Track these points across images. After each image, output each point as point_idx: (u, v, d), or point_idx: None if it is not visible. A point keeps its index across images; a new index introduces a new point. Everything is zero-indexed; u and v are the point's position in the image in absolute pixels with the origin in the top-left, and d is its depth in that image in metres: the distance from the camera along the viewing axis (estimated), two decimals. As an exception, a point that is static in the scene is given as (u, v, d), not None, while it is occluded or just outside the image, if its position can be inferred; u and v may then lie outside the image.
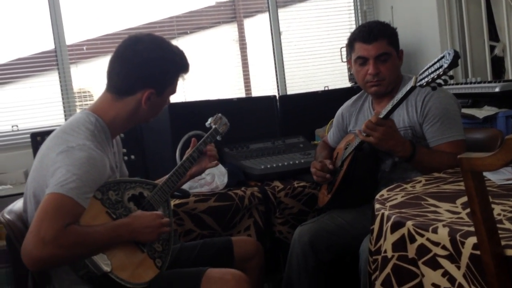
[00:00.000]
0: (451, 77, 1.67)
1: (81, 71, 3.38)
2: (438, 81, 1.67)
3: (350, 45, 2.16)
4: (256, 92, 3.85)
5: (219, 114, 2.11)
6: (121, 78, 1.67)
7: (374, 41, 2.07)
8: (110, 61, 1.70)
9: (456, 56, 1.61)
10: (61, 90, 3.29)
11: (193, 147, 1.94)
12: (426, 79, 1.68)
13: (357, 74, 2.16)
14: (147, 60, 1.65)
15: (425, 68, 1.70)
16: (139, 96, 1.66)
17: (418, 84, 1.72)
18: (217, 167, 2.42)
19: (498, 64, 3.45)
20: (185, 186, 2.19)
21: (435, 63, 1.67)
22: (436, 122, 1.99)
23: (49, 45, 3.29)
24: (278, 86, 3.84)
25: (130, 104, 1.68)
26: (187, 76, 1.80)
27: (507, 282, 1.02)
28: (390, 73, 2.08)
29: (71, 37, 3.34)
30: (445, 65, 1.61)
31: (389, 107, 1.84)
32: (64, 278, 1.58)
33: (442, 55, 1.65)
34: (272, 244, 2.37)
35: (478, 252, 1.05)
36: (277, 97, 3.10)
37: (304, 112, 3.11)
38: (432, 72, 1.66)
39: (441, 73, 1.63)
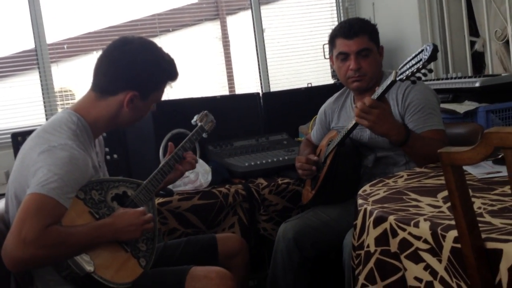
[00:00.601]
0: (430, 71, 1.68)
1: (62, 70, 3.35)
2: (418, 74, 1.67)
3: (331, 42, 2.17)
4: (239, 90, 3.85)
5: (205, 111, 2.09)
6: (106, 78, 1.65)
7: (355, 36, 2.08)
8: (97, 59, 1.68)
9: (435, 49, 1.62)
10: (42, 90, 3.26)
11: (170, 152, 1.91)
12: (406, 73, 1.69)
13: (338, 70, 2.17)
14: (133, 62, 1.63)
15: (405, 62, 1.71)
16: (122, 97, 1.65)
17: (398, 78, 1.73)
18: (201, 164, 2.42)
19: (478, 59, 3.49)
20: (168, 185, 2.18)
21: (414, 57, 1.68)
22: (418, 111, 2.01)
23: (30, 44, 3.25)
24: (261, 83, 3.85)
25: (113, 105, 1.66)
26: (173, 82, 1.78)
27: (487, 274, 1.03)
28: (372, 68, 2.10)
29: (52, 36, 3.30)
30: (424, 59, 1.62)
31: (380, 91, 1.82)
32: (47, 278, 1.57)
33: (421, 49, 1.66)
34: (256, 241, 2.38)
35: (459, 246, 1.06)
36: (261, 95, 3.10)
37: (288, 109, 3.12)
38: (412, 66, 1.67)
39: (420, 66, 1.64)
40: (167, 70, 1.71)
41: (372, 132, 2.01)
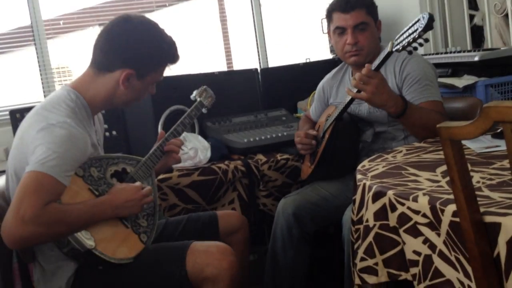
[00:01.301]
0: (426, 40, 1.67)
1: (58, 47, 3.32)
2: (414, 44, 1.67)
3: (329, 16, 2.16)
4: (237, 65, 3.82)
5: (204, 86, 2.07)
6: (103, 54, 1.64)
7: (351, 10, 2.06)
8: (98, 35, 1.67)
9: (431, 18, 1.61)
10: (39, 66, 3.23)
11: (160, 138, 1.88)
12: (402, 44, 1.69)
13: (336, 45, 2.15)
14: (131, 40, 1.62)
15: (401, 32, 1.71)
16: (118, 74, 1.63)
17: (395, 48, 1.72)
18: (200, 141, 2.42)
19: (477, 33, 3.47)
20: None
21: (410, 27, 1.67)
22: (415, 83, 2.00)
23: (25, 20, 3.22)
24: (259, 59, 3.82)
25: (109, 83, 1.65)
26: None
27: (485, 248, 1.04)
28: (369, 42, 2.08)
29: (47, 12, 3.27)
30: (420, 28, 1.61)
31: (376, 62, 1.81)
32: (49, 254, 1.59)
33: (417, 18, 1.65)
34: (256, 216, 2.39)
35: (457, 219, 1.07)
36: (259, 70, 3.08)
37: (286, 85, 3.10)
38: (408, 36, 1.66)
39: (416, 36, 1.63)
40: (166, 52, 1.69)
41: (370, 106, 2.01)
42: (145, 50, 1.63)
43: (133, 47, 1.62)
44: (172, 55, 1.71)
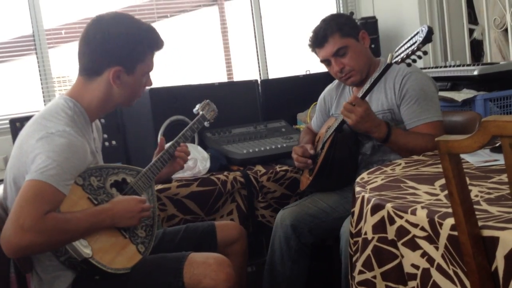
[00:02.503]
0: (425, 53, 1.69)
1: (59, 56, 3.33)
2: (413, 57, 1.69)
3: (313, 52, 2.19)
4: (238, 77, 3.83)
5: (207, 100, 2.09)
6: (86, 59, 1.64)
7: (324, 42, 2.10)
8: (78, 44, 1.66)
9: (430, 31, 1.63)
10: (40, 75, 3.24)
11: (161, 146, 1.88)
12: (401, 56, 1.70)
13: (331, 73, 2.19)
14: (108, 37, 1.60)
15: (401, 45, 1.73)
16: (107, 75, 1.62)
17: (394, 61, 1.74)
18: (199, 151, 2.42)
19: (477, 47, 3.49)
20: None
21: (409, 39, 1.69)
22: (413, 103, 2.01)
23: (27, 29, 3.23)
24: (260, 70, 3.83)
25: (101, 86, 1.64)
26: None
27: (483, 262, 1.04)
28: (356, 62, 2.10)
29: (49, 21, 3.28)
30: (419, 41, 1.63)
31: (366, 86, 1.87)
32: (47, 264, 1.58)
33: (416, 31, 1.67)
34: (255, 227, 2.39)
35: (455, 233, 1.07)
36: (259, 82, 3.09)
37: (286, 96, 3.12)
38: (407, 49, 1.68)
39: (415, 48, 1.65)
40: (145, 39, 1.66)
41: None
42: (125, 42, 1.61)
43: (112, 43, 1.60)
44: (153, 41, 1.68)
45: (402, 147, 1.93)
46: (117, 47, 1.61)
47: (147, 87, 1.78)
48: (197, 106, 2.06)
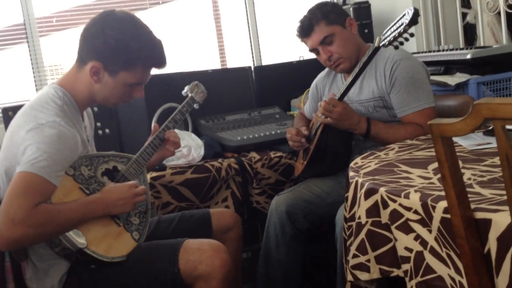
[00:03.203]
0: (412, 35, 1.70)
1: (51, 44, 3.30)
2: (400, 39, 1.70)
3: (302, 41, 2.20)
4: (231, 63, 3.82)
5: (196, 82, 2.08)
6: (79, 46, 1.64)
7: (310, 32, 2.11)
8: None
9: (416, 13, 1.64)
10: (32, 64, 3.22)
11: (154, 132, 1.88)
12: (388, 38, 1.71)
13: (321, 62, 2.20)
14: (100, 33, 1.58)
15: (388, 28, 1.73)
16: (88, 67, 1.61)
17: (382, 43, 1.75)
18: (193, 139, 2.42)
19: (470, 31, 3.48)
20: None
21: (396, 22, 1.69)
22: (403, 91, 2.01)
23: (18, 18, 3.20)
24: (253, 57, 3.82)
25: (85, 77, 1.63)
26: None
27: (476, 244, 1.05)
28: (343, 49, 2.10)
29: (40, 10, 3.25)
30: (405, 23, 1.64)
31: (356, 70, 1.89)
32: (42, 252, 1.58)
33: (403, 13, 1.67)
34: (249, 214, 2.40)
35: (448, 216, 1.07)
36: (252, 68, 3.08)
37: (280, 83, 3.11)
38: (394, 31, 1.69)
39: (402, 31, 1.66)
40: (136, 51, 1.60)
41: (370, 107, 2.08)
42: (111, 44, 1.58)
43: (99, 39, 1.59)
44: (148, 56, 1.64)
45: (383, 141, 1.96)
46: (104, 45, 1.58)
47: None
48: (186, 88, 2.04)
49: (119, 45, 1.59)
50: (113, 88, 1.66)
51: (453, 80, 2.66)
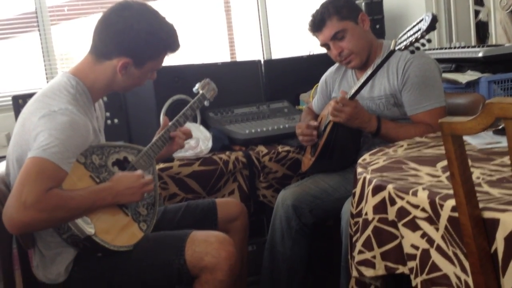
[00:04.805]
0: (429, 41, 1.68)
1: (62, 33, 3.31)
2: (416, 44, 1.68)
3: (313, 36, 2.19)
4: (241, 56, 3.81)
5: (207, 79, 2.08)
6: (101, 41, 1.64)
7: (322, 27, 2.10)
8: (97, 21, 1.66)
9: (434, 19, 1.62)
10: (43, 52, 3.23)
11: (164, 126, 1.89)
12: (404, 43, 1.69)
13: (332, 58, 2.19)
14: (129, 29, 1.60)
15: (404, 31, 1.71)
16: (115, 63, 1.63)
17: (397, 47, 1.73)
18: (201, 131, 2.42)
19: (482, 29, 3.46)
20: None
21: (413, 26, 1.67)
22: (414, 90, 2.00)
23: (30, 6, 3.21)
24: (263, 51, 3.81)
25: (108, 70, 1.65)
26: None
27: (483, 243, 1.04)
28: (354, 44, 2.08)
29: (52, -2, 3.26)
30: (423, 29, 1.62)
31: (369, 72, 1.87)
32: (49, 240, 1.59)
33: (420, 18, 1.65)
34: (256, 207, 2.40)
35: (456, 215, 1.07)
36: (262, 62, 3.08)
37: (289, 77, 3.09)
38: (411, 36, 1.67)
39: (419, 36, 1.64)
40: (164, 40, 1.67)
41: (381, 104, 2.08)
42: (142, 39, 1.62)
43: (129, 36, 1.60)
44: (170, 44, 1.70)
45: (393, 140, 1.94)
46: (134, 42, 1.61)
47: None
48: (197, 85, 2.05)
49: (149, 38, 1.62)
50: (138, 78, 1.71)
51: (464, 78, 2.65)
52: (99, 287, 1.63)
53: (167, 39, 1.68)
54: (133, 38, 1.61)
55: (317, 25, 2.11)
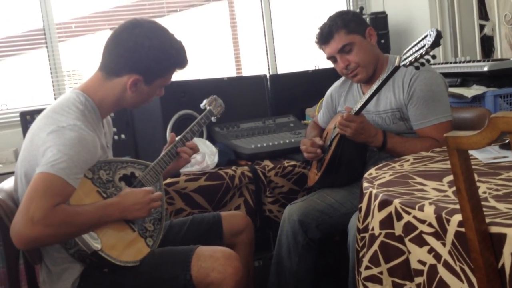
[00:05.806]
0: (434, 57, 1.68)
1: (70, 50, 3.35)
2: (421, 60, 1.69)
3: (320, 48, 2.20)
4: (246, 71, 3.83)
5: (214, 96, 2.10)
6: (112, 58, 1.65)
7: (330, 39, 2.11)
8: (107, 39, 1.68)
9: (438, 35, 1.62)
10: (50, 69, 3.26)
11: (171, 143, 1.90)
12: (409, 59, 1.70)
13: (338, 71, 2.20)
14: (139, 47, 1.62)
15: (409, 47, 1.72)
16: (126, 80, 1.65)
17: (402, 64, 1.74)
18: (207, 146, 2.43)
19: (487, 43, 3.46)
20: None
21: (418, 42, 1.68)
22: (420, 104, 2.01)
23: (38, 23, 3.25)
24: (268, 65, 3.83)
25: (117, 87, 1.66)
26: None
27: (490, 258, 1.04)
28: (361, 58, 2.09)
29: (60, 15, 3.30)
30: (428, 45, 1.63)
31: (374, 87, 1.88)
32: (56, 256, 1.60)
33: (425, 34, 1.66)
34: (262, 222, 2.40)
35: (463, 229, 1.07)
36: (268, 77, 3.09)
37: (295, 92, 3.11)
38: (415, 52, 1.68)
39: (423, 52, 1.65)
40: (174, 57, 1.69)
41: (387, 119, 2.09)
42: (153, 56, 1.64)
43: (140, 53, 1.62)
44: (180, 61, 1.72)
45: (399, 155, 1.95)
46: (145, 60, 1.63)
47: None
48: (204, 101, 2.07)
49: (160, 55, 1.64)
50: (147, 94, 1.73)
51: (469, 92, 2.65)
52: (106, 303, 1.63)
53: (177, 56, 1.70)
54: (144, 55, 1.63)
55: (324, 37, 2.12)
